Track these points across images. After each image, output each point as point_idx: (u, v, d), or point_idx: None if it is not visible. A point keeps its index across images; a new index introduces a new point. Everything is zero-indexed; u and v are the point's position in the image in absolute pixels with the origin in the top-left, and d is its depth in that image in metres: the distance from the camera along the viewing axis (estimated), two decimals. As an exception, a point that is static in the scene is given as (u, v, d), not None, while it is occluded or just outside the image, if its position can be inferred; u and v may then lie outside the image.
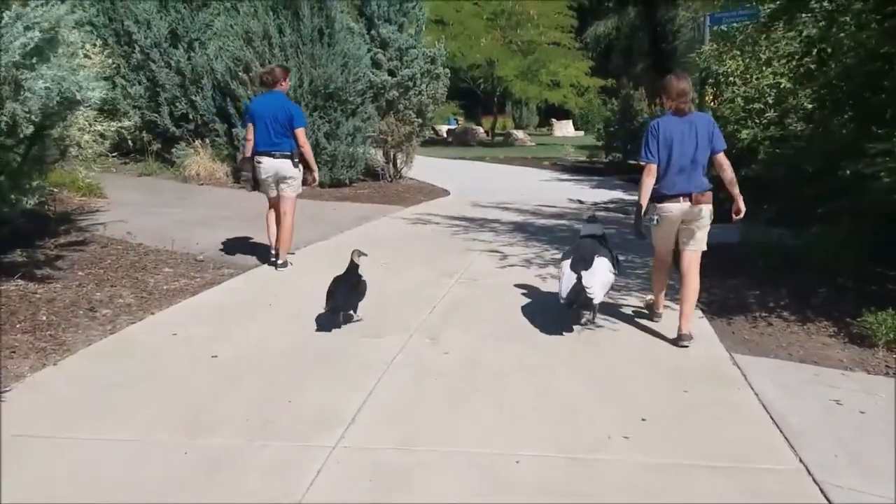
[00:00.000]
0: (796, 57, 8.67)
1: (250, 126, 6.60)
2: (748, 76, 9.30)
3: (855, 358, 4.89)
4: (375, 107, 13.64)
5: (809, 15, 6.86)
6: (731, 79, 9.32)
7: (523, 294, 6.12)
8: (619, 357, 4.73)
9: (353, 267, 5.24)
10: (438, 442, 3.50)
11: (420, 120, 14.07)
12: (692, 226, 4.83)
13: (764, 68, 9.27)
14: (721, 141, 4.83)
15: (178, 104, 13.61)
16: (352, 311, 5.23)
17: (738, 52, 9.38)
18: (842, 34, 6.04)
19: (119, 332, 5.01)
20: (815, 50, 6.93)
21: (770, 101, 9.26)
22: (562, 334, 5.09)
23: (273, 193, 6.83)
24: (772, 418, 3.84)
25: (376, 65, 13.62)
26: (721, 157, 4.80)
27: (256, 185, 6.81)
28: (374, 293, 5.53)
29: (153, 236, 7.79)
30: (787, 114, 9.14)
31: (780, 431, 3.69)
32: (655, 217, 4.84)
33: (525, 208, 11.41)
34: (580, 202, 12.35)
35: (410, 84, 13.70)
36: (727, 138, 9.92)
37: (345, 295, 5.08)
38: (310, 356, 4.61)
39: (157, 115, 13.76)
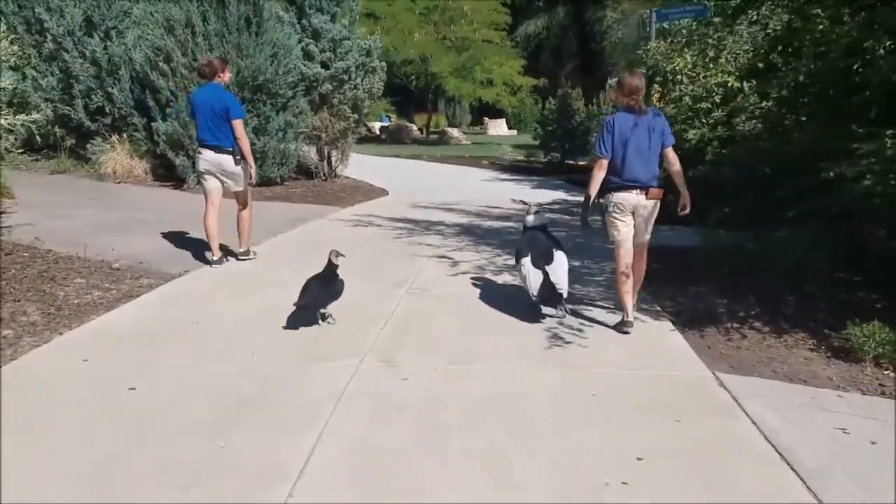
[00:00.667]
0: (753, 53, 8.42)
1: (194, 120, 6.52)
2: (695, 74, 9.00)
3: (844, 375, 4.51)
4: (308, 101, 12.92)
5: (777, 9, 6.55)
6: (678, 77, 9.00)
7: (481, 305, 5.58)
8: (597, 381, 4.22)
9: (330, 266, 5.06)
10: (407, 496, 2.91)
11: (356, 115, 13.40)
12: (642, 218, 4.99)
13: (711, 66, 8.99)
14: (671, 136, 5.09)
15: (93, 97, 12.65)
16: (323, 311, 5.00)
17: (685, 50, 9.07)
18: (814, 27, 5.69)
19: (21, 358, 4.25)
20: (781, 47, 6.61)
21: (717, 101, 8.98)
22: (528, 356, 4.57)
23: (215, 186, 6.64)
24: (779, 454, 3.38)
25: (308, 56, 12.88)
26: (670, 152, 5.01)
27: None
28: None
29: (64, 241, 6.97)
30: (736, 113, 8.87)
31: (793, 469, 3.24)
32: (611, 206, 4.94)
33: (469, 209, 10.89)
34: (523, 203, 11.88)
35: (345, 77, 13.01)
36: (677, 136, 9.70)
37: (317, 293, 4.90)
38: (246, 388, 3.94)
39: (70, 108, 12.78)
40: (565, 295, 5.05)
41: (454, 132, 29.64)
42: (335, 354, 4.43)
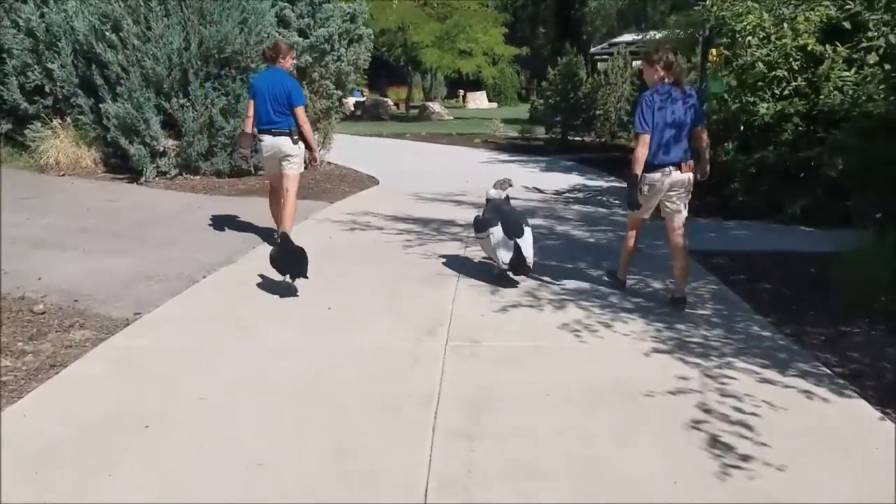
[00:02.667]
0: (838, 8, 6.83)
1: (251, 102, 6.33)
2: (768, 34, 7.36)
3: None
4: (284, 76, 11.07)
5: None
6: (748, 38, 7.38)
7: (575, 371, 3.87)
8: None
9: (285, 237, 5.32)
10: None
11: (339, 92, 11.59)
12: (678, 194, 4.84)
13: (785, 26, 7.36)
14: (703, 115, 5.13)
15: (29, 74, 10.72)
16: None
17: (756, 5, 7.43)
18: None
19: None
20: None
21: (796, 67, 7.36)
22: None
23: (275, 171, 6.45)
24: None
25: (283, 23, 11.03)
26: (700, 130, 4.91)
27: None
28: (318, 388, 3.35)
29: (-31, 270, 5.20)
30: (818, 83, 7.26)
31: None
32: (645, 187, 4.77)
33: (479, 201, 9.15)
34: (539, 191, 10.27)
35: (327, 47, 11.17)
36: (738, 111, 8.06)
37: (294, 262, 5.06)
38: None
39: (3, 87, 10.79)
40: (532, 266, 5.23)
41: (435, 106, 27.75)
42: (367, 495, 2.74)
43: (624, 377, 3.67)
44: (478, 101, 35.75)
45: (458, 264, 5.98)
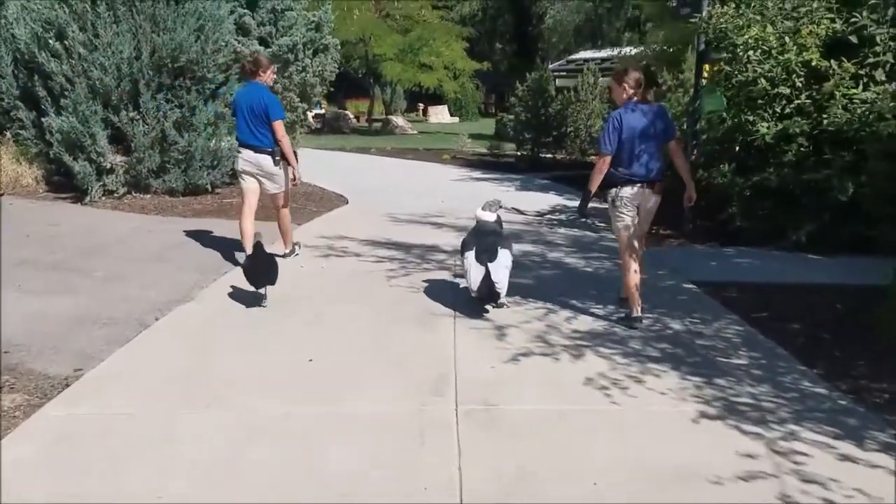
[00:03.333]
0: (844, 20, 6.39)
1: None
2: (770, 48, 6.87)
3: None
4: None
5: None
6: (749, 52, 6.87)
7: (616, 451, 3.18)
8: None
9: (259, 247, 5.12)
10: None
11: (304, 105, 10.87)
12: (646, 212, 4.88)
13: (788, 40, 6.88)
14: (674, 129, 5.11)
15: (-36, 85, 9.73)
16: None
17: (758, 17, 6.94)
18: None
19: None
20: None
21: (799, 84, 6.88)
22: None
23: (253, 186, 6.26)
24: None
25: (243, 31, 10.32)
26: (675, 145, 4.96)
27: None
28: (306, 481, 2.71)
29: None
30: (823, 101, 6.80)
31: None
32: (619, 200, 4.78)
33: (459, 223, 8.53)
34: (519, 212, 9.64)
35: (290, 57, 10.47)
36: (735, 130, 7.56)
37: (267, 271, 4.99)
38: None
39: (-66, 99, 9.84)
40: (503, 294, 4.92)
41: (398, 120, 27.09)
42: None
43: (678, 456, 3.02)
44: (439, 115, 35.22)
45: (450, 298, 5.30)
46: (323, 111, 29.71)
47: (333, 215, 9.14)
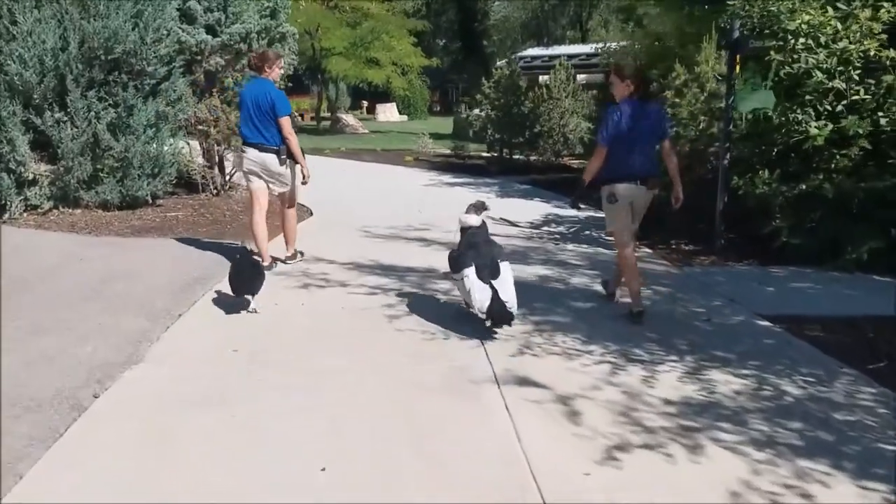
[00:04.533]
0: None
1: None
2: (822, 37, 5.90)
3: None
4: (190, 82, 8.98)
5: None
6: (801, 41, 5.90)
7: None
8: None
9: (245, 252, 4.96)
10: None
11: (260, 102, 9.53)
12: (639, 208, 4.88)
13: (840, 26, 5.93)
14: (668, 129, 5.10)
15: None
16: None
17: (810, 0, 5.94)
18: None
19: None
20: None
21: (857, 78, 5.93)
22: None
23: (261, 186, 5.94)
24: None
25: (188, 18, 8.95)
26: (668, 144, 4.95)
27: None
28: None
29: None
30: (884, 96, 5.89)
31: None
32: (614, 197, 4.76)
33: (448, 238, 7.35)
34: (511, 223, 8.58)
35: (243, 47, 9.13)
36: (775, 129, 6.58)
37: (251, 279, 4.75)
38: None
39: None
40: (515, 313, 4.39)
41: (349, 119, 25.69)
42: None
43: None
44: (388, 113, 33.94)
45: (480, 351, 4.16)
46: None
47: (299, 231, 7.86)
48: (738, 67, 6.56)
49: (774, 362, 4.00)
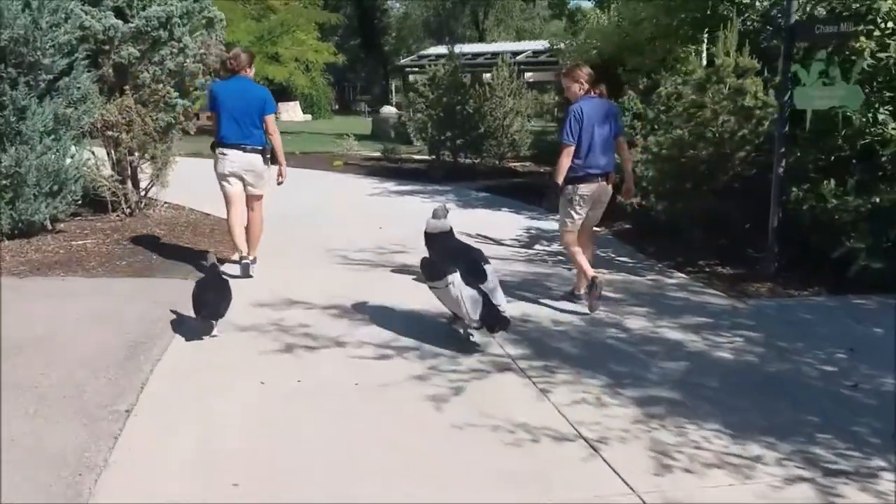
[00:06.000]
0: None
1: (214, 114, 5.64)
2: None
3: None
4: (96, 77, 7.28)
5: None
6: (889, 24, 4.93)
7: None
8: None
9: (213, 268, 4.54)
10: None
11: (183, 101, 7.93)
12: (600, 203, 5.01)
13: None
14: (622, 125, 5.34)
15: None
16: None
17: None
18: None
19: None
20: None
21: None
22: None
23: (238, 190, 5.73)
24: None
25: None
26: (621, 140, 5.12)
27: None
28: None
29: None
30: None
31: None
32: (577, 196, 4.85)
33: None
34: (491, 240, 7.39)
35: (163, 35, 7.49)
36: (858, 133, 5.44)
37: (216, 300, 4.25)
38: None
39: None
40: (509, 318, 4.19)
41: (255, 119, 23.75)
42: None
43: None
44: (291, 112, 31.98)
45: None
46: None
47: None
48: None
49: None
